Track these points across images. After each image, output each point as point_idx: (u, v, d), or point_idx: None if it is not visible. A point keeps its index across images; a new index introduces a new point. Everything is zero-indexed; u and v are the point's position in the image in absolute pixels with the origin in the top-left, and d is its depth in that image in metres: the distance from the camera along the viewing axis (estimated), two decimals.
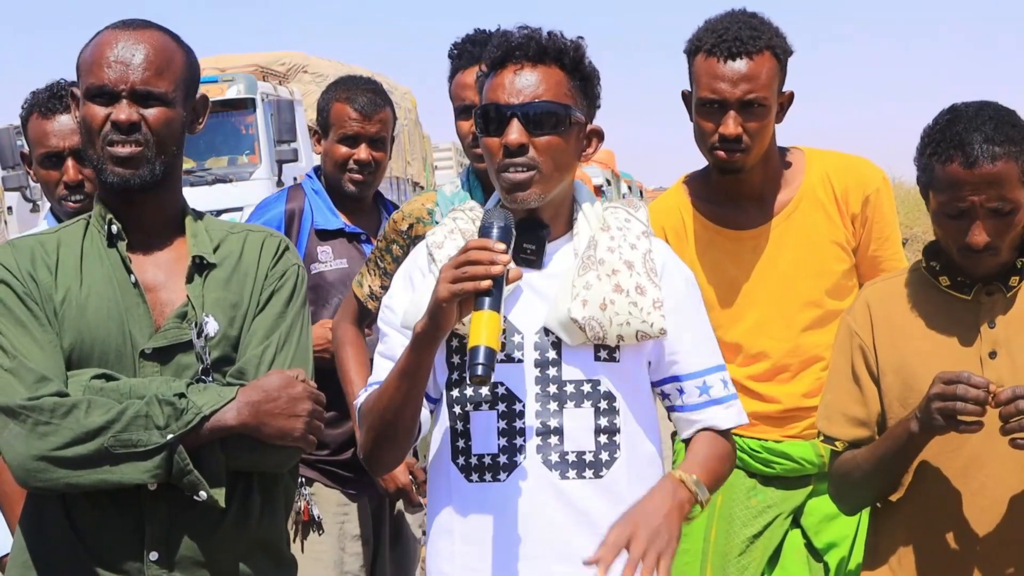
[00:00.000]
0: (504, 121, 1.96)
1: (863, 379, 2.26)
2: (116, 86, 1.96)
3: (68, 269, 2.00)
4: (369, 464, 2.07)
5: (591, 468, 1.99)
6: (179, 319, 1.99)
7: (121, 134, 1.96)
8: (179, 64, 2.02)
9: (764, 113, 2.54)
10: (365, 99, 3.20)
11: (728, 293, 2.70)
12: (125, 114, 1.95)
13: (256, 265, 2.08)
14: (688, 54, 2.62)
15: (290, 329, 2.06)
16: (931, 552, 2.20)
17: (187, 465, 1.88)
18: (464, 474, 2.01)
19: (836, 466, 2.31)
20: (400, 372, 1.92)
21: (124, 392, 1.91)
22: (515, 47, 1.98)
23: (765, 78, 2.52)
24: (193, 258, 2.03)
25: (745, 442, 2.71)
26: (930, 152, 2.11)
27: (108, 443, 1.85)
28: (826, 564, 2.71)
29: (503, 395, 2.00)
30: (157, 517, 1.94)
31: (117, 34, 2.00)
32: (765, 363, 2.70)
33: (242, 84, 12.69)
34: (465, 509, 2.01)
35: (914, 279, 2.28)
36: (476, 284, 1.81)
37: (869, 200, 2.67)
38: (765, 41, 2.53)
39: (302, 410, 1.95)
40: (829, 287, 2.68)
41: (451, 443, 2.03)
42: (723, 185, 2.69)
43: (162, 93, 1.98)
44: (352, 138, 3.18)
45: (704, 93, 2.55)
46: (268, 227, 2.23)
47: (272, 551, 2.08)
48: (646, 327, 1.99)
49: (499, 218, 1.92)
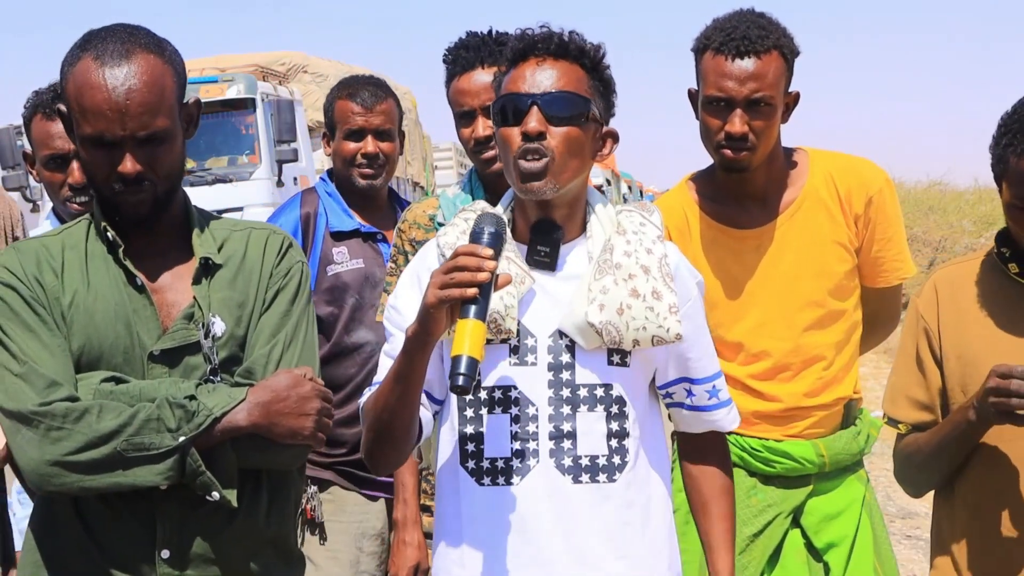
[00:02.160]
0: (523, 110, 1.96)
1: (927, 363, 2.27)
2: (116, 135, 1.91)
3: (74, 272, 2.00)
4: (370, 463, 2.07)
5: (604, 472, 1.99)
6: (186, 320, 1.99)
7: (129, 184, 1.94)
8: (171, 86, 1.97)
9: (770, 112, 2.54)
10: (366, 92, 3.21)
11: (730, 292, 2.71)
12: (131, 166, 1.92)
13: (260, 263, 2.08)
14: (696, 52, 2.62)
15: (296, 327, 2.06)
16: (992, 536, 2.21)
17: (200, 467, 1.88)
18: (475, 478, 2.00)
19: (899, 448, 2.33)
20: (395, 375, 1.92)
21: (134, 395, 1.91)
22: (537, 42, 1.99)
23: (772, 77, 2.53)
24: (200, 259, 2.03)
25: (746, 441, 2.72)
26: (1006, 143, 2.09)
27: (121, 447, 1.86)
28: (826, 564, 2.72)
29: (516, 398, 1.99)
30: (168, 516, 1.94)
31: (103, 70, 1.91)
32: (766, 362, 2.70)
33: (242, 84, 12.68)
34: (475, 513, 2.00)
35: (985, 264, 2.27)
36: (462, 291, 1.79)
37: (872, 201, 2.67)
38: (773, 40, 2.53)
39: (311, 409, 1.96)
40: (831, 287, 2.69)
41: (460, 447, 2.02)
42: (727, 184, 2.69)
43: (164, 131, 1.94)
44: (357, 132, 3.19)
45: (711, 91, 2.55)
46: (271, 224, 2.22)
47: (281, 548, 2.09)
48: (662, 332, 1.99)
49: (490, 223, 1.89)
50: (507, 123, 1.97)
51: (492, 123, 2.05)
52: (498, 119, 2.00)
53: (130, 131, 1.91)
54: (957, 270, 2.30)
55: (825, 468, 2.72)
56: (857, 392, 2.79)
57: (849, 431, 2.75)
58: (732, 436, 2.73)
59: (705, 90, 2.58)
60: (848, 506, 2.74)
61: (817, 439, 2.71)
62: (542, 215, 2.01)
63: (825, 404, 2.71)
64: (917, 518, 6.52)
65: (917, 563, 5.69)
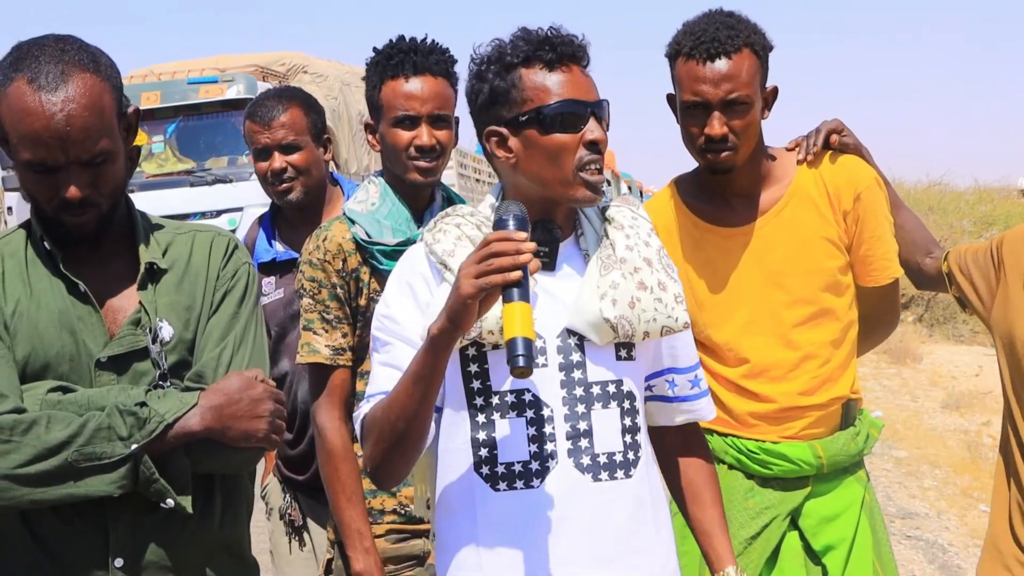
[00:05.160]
0: (583, 119, 1.95)
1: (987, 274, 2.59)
2: (58, 161, 1.86)
3: (15, 280, 1.96)
4: (377, 478, 2.01)
5: (621, 468, 1.99)
6: (133, 326, 1.96)
7: (74, 208, 1.90)
8: (110, 104, 1.91)
9: (748, 111, 2.55)
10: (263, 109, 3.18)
11: (719, 291, 2.70)
12: (76, 190, 1.88)
13: (207, 266, 2.05)
14: (669, 58, 2.63)
15: (245, 329, 2.04)
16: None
17: (153, 474, 1.85)
18: (490, 483, 1.96)
19: None
20: (414, 377, 1.87)
21: (83, 404, 1.87)
22: (572, 48, 1.98)
23: (746, 76, 2.53)
24: (145, 264, 2.00)
25: (743, 443, 2.72)
26: None
27: (71, 457, 1.82)
28: (824, 566, 2.71)
29: (531, 401, 1.96)
30: (121, 524, 1.91)
31: (39, 95, 1.83)
32: (758, 361, 2.69)
33: (242, 84, 12.66)
34: (491, 518, 1.97)
35: None
36: (505, 276, 1.75)
37: (861, 197, 2.66)
38: (743, 39, 2.54)
39: (264, 411, 1.94)
40: (822, 284, 2.68)
41: (473, 453, 1.98)
42: (713, 184, 2.70)
43: (106, 152, 1.90)
44: (262, 151, 3.13)
45: (687, 96, 2.57)
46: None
47: (236, 553, 2.07)
48: (671, 322, 2.01)
49: (515, 209, 1.86)
50: (565, 130, 1.95)
51: (544, 128, 1.95)
52: (549, 127, 1.95)
53: (73, 157, 1.86)
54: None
55: (823, 470, 2.71)
56: (856, 392, 2.78)
57: (848, 432, 2.74)
58: (729, 438, 2.74)
59: (681, 95, 2.59)
60: (847, 508, 2.73)
61: (815, 440, 2.71)
62: (543, 215, 2.00)
63: (821, 404, 2.70)
64: (917, 518, 6.52)
65: (917, 563, 5.69)
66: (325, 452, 2.54)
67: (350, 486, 2.51)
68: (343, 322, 2.56)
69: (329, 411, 2.55)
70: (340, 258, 2.55)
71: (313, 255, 2.57)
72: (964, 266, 2.67)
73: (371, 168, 13.47)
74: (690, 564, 2.71)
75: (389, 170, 2.67)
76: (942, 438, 8.72)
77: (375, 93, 2.63)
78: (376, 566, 2.50)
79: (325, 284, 2.55)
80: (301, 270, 2.60)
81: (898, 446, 8.34)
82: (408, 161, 2.60)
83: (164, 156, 12.75)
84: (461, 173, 17.33)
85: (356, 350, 2.58)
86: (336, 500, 2.52)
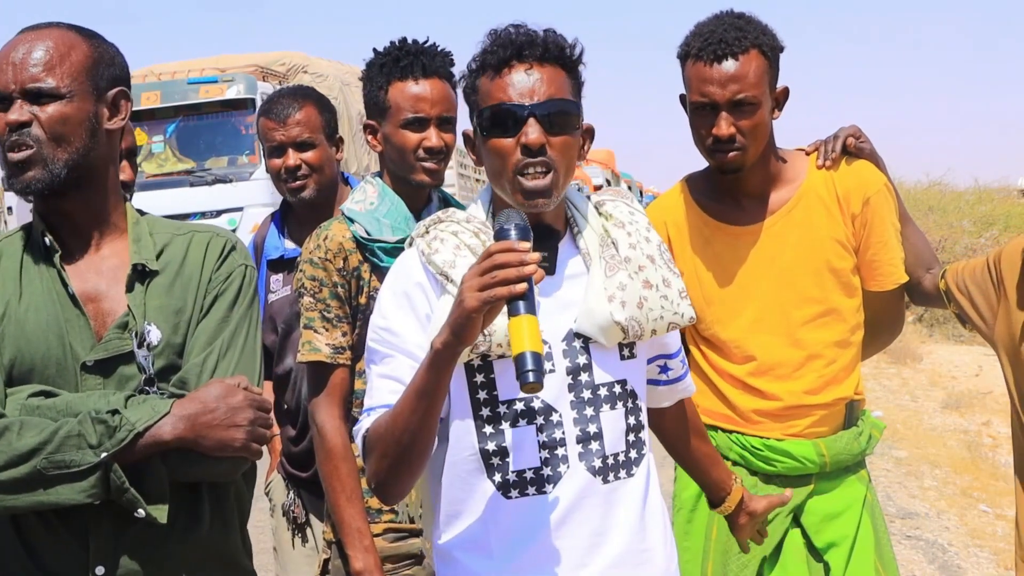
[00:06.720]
0: (519, 121, 1.88)
1: None
2: (7, 88, 1.89)
3: (7, 282, 1.94)
4: (381, 493, 1.95)
5: (624, 468, 1.98)
6: (120, 329, 1.92)
7: (12, 137, 1.89)
8: (80, 57, 1.93)
9: (756, 111, 2.56)
10: (279, 106, 3.15)
11: (728, 288, 2.72)
12: (15, 115, 1.88)
13: (200, 268, 2.01)
14: (680, 59, 2.65)
15: (234, 334, 1.99)
16: None
17: (124, 483, 1.81)
18: (501, 491, 1.93)
19: None
20: (418, 391, 1.82)
21: (61, 409, 1.84)
22: (522, 45, 1.91)
23: (754, 77, 2.54)
24: (133, 266, 1.97)
25: (747, 440, 2.73)
26: None
27: (41, 465, 1.78)
28: (826, 564, 2.72)
29: (540, 408, 1.93)
30: (102, 531, 1.88)
31: (18, 38, 1.94)
32: (764, 359, 2.70)
33: (242, 84, 12.67)
34: (503, 525, 1.94)
35: None
36: (510, 289, 1.69)
37: (869, 201, 2.68)
38: (751, 40, 2.55)
39: (242, 419, 1.87)
40: (831, 284, 2.69)
41: (483, 462, 1.94)
42: (724, 183, 2.71)
43: (52, 88, 1.89)
44: (278, 148, 3.12)
45: (695, 97, 2.58)
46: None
47: (227, 562, 2.02)
48: (677, 318, 2.01)
49: (516, 218, 1.80)
50: (500, 134, 1.90)
51: (476, 132, 1.95)
52: (486, 127, 1.92)
53: (20, 84, 1.89)
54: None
55: (826, 468, 2.72)
56: (859, 393, 2.79)
57: (850, 431, 2.76)
58: (734, 435, 2.75)
59: (690, 96, 2.61)
60: (849, 506, 2.74)
61: (818, 439, 2.72)
62: (536, 220, 1.94)
63: (826, 403, 2.72)
64: (917, 518, 6.52)
65: (917, 563, 5.69)
66: (324, 451, 2.53)
67: (349, 485, 2.49)
68: (343, 321, 2.56)
69: (328, 410, 2.54)
70: (341, 256, 2.55)
71: (314, 254, 2.57)
72: (962, 284, 2.66)
73: (371, 168, 13.47)
74: (692, 560, 2.72)
75: (390, 170, 2.67)
76: (942, 438, 8.72)
77: (380, 94, 2.63)
78: (376, 565, 2.49)
79: (326, 283, 2.55)
80: (301, 269, 2.59)
81: (898, 446, 8.34)
82: (416, 162, 2.60)
83: (164, 156, 12.77)
84: (461, 173, 17.35)
85: (355, 348, 2.58)
86: (335, 499, 2.51)
